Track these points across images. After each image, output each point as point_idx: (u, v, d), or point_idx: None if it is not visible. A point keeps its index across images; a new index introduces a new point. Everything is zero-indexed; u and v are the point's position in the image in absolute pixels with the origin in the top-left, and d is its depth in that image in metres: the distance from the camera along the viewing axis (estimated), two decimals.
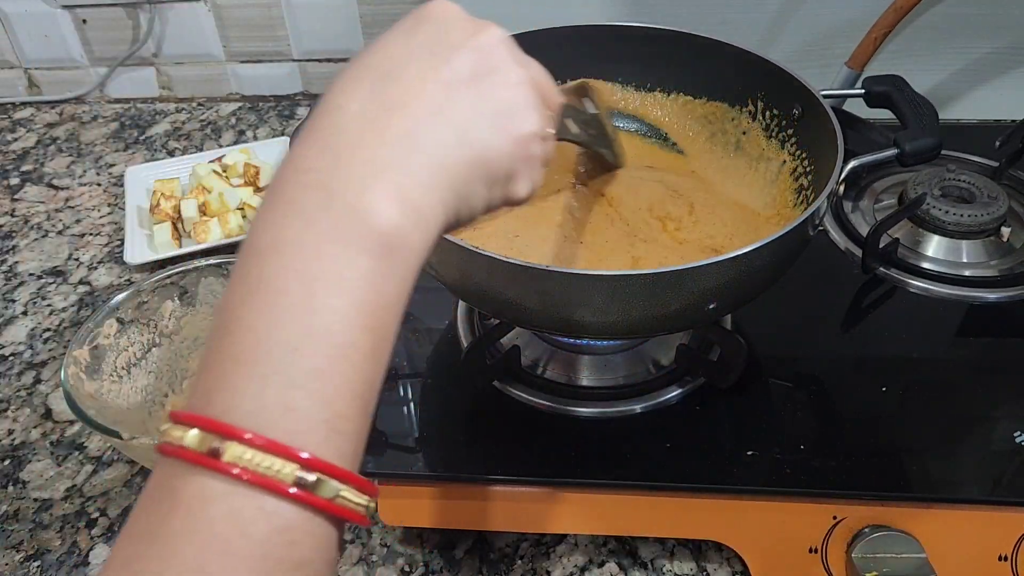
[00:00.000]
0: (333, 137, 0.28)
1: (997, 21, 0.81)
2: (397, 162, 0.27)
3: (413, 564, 0.53)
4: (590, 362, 0.57)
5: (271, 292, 0.25)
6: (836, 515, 0.49)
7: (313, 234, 0.26)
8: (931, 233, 0.66)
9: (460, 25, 0.31)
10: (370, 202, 0.27)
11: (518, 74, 0.31)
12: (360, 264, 0.26)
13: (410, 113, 0.28)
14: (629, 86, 0.66)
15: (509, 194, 0.32)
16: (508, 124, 0.31)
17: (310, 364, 0.25)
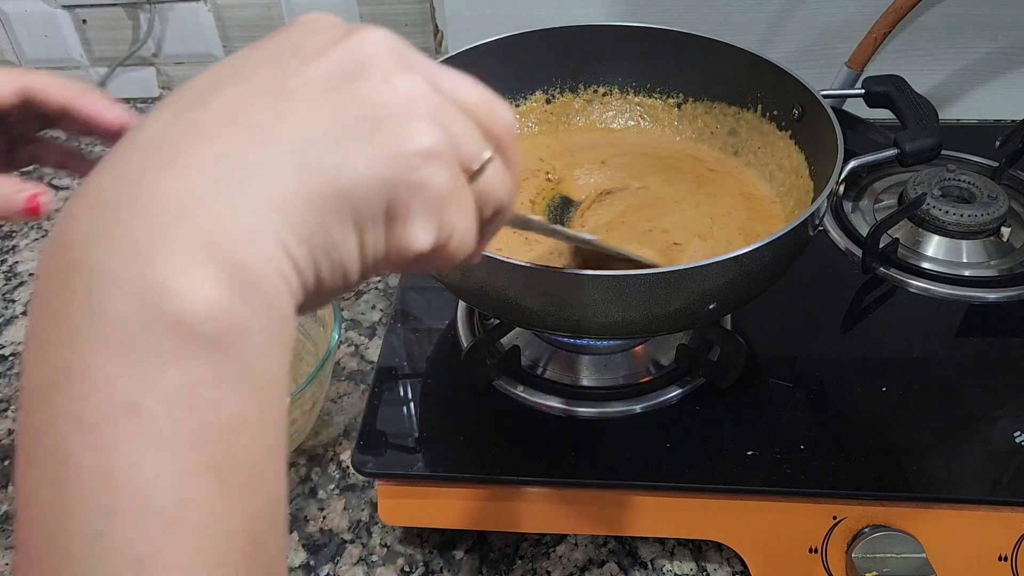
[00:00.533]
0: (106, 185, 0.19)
1: (997, 21, 0.81)
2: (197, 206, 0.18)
3: (413, 564, 0.53)
4: (590, 362, 0.57)
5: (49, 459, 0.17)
6: (836, 515, 0.49)
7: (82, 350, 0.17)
8: (931, 233, 0.66)
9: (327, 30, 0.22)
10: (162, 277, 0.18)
11: (404, 78, 0.22)
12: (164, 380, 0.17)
13: (225, 135, 0.19)
14: (628, 86, 0.66)
15: (400, 240, 0.22)
16: (380, 136, 0.21)
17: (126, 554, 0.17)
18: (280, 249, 0.19)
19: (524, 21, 0.62)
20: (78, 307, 0.18)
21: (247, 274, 0.19)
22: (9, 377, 0.68)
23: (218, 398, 0.18)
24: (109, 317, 0.17)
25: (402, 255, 0.23)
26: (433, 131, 0.22)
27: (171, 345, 0.17)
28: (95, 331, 0.17)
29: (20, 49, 1.02)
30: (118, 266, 0.18)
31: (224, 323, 0.18)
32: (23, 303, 0.75)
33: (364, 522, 0.56)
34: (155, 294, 0.17)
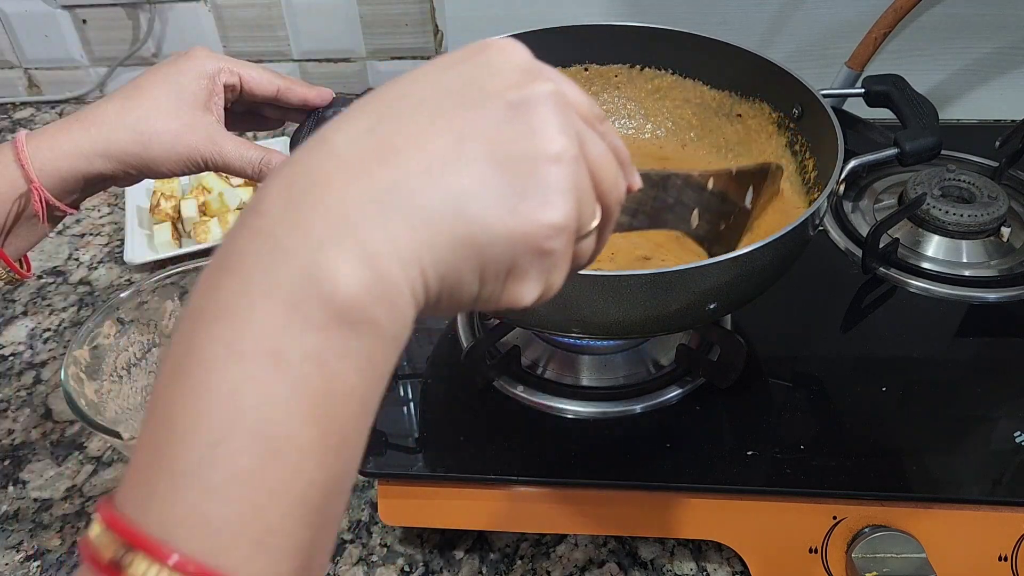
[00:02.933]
0: (302, 176, 0.23)
1: (997, 21, 0.81)
2: (370, 221, 0.22)
3: (413, 564, 0.53)
4: (590, 362, 0.57)
5: (196, 372, 0.21)
6: (836, 515, 0.49)
7: (251, 297, 0.21)
8: (931, 233, 0.66)
9: (509, 69, 0.25)
10: (328, 263, 0.21)
11: (560, 144, 0.24)
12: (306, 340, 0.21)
13: (403, 164, 0.23)
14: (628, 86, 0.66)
15: (509, 296, 0.25)
16: (523, 205, 0.23)
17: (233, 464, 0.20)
18: (419, 275, 0.23)
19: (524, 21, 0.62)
20: (257, 265, 0.21)
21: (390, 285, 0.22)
22: (9, 377, 0.68)
23: (341, 370, 0.21)
24: (279, 279, 0.21)
25: (510, 306, 0.26)
26: (570, 209, 0.24)
27: (319, 316, 0.21)
28: (265, 286, 0.21)
29: (20, 49, 1.02)
30: (297, 246, 0.21)
31: (363, 314, 0.22)
32: (23, 303, 0.75)
33: (364, 522, 0.56)
34: (319, 274, 0.21)
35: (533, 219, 0.24)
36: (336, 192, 0.22)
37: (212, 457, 0.20)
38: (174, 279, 0.62)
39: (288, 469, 0.21)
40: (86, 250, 0.81)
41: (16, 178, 0.45)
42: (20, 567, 0.54)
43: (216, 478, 0.20)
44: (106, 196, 0.88)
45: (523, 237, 0.24)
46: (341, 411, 0.22)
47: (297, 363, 0.21)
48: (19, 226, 0.46)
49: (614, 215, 0.28)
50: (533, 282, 0.25)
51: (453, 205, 0.23)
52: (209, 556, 0.20)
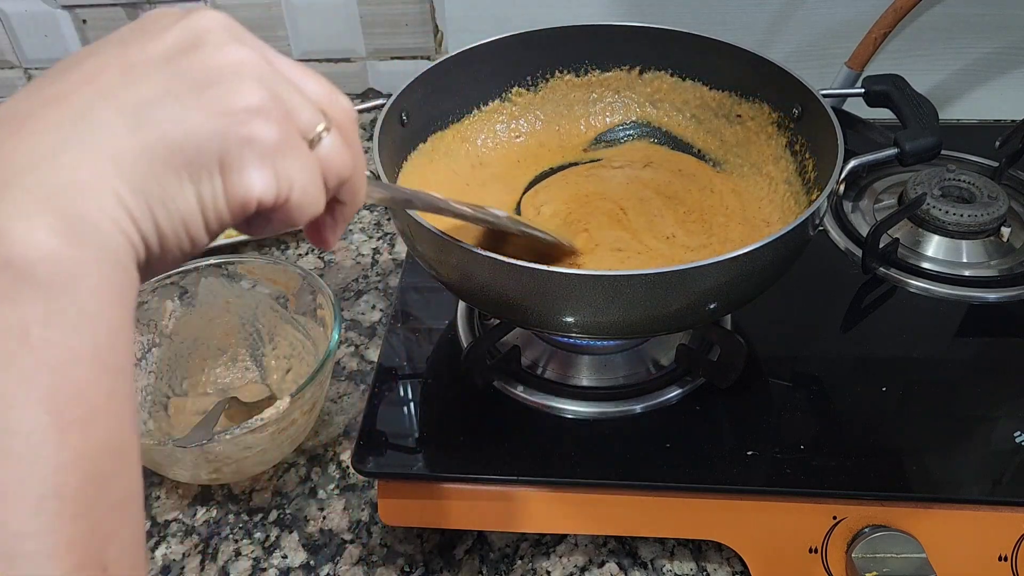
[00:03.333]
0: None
1: (997, 21, 0.81)
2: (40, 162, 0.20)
3: (413, 564, 0.53)
4: (590, 362, 0.57)
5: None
6: (836, 515, 0.49)
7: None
8: (931, 233, 0.66)
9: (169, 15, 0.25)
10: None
11: (236, 47, 0.24)
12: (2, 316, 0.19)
13: (68, 104, 0.21)
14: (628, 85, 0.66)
15: (234, 189, 0.24)
16: (207, 96, 0.23)
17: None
18: (115, 199, 0.21)
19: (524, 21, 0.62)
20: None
21: (82, 222, 0.20)
22: None
23: (49, 336, 0.19)
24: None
25: (242, 205, 0.24)
26: (260, 91, 0.24)
27: (4, 285, 0.19)
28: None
29: (20, 49, 1.02)
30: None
31: (56, 266, 0.19)
32: None
33: (364, 522, 0.56)
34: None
35: (223, 104, 0.23)
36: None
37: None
38: (174, 279, 0.62)
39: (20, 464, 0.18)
40: None
41: None
42: None
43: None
44: None
45: (218, 124, 0.23)
46: (70, 379, 0.19)
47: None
48: None
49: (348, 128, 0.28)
50: (254, 169, 0.24)
51: (132, 117, 0.22)
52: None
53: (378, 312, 0.71)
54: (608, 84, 0.66)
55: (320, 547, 0.54)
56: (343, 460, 0.59)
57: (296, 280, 0.61)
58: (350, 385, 0.65)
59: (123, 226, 0.21)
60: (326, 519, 0.56)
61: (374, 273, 0.76)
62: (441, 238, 0.43)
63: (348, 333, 0.69)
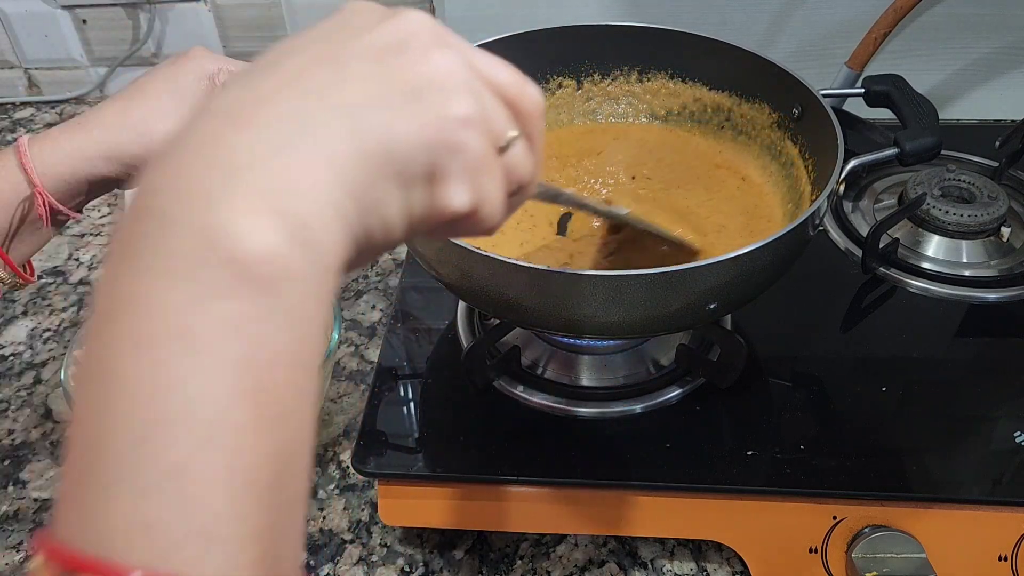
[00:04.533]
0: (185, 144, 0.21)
1: (997, 21, 0.81)
2: (261, 161, 0.20)
3: (413, 564, 0.53)
4: (590, 362, 0.57)
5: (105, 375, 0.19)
6: (836, 515, 0.49)
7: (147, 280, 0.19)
8: (931, 233, 0.66)
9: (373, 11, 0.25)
10: (224, 220, 0.19)
11: (442, 53, 0.24)
12: (215, 310, 0.19)
13: (283, 99, 0.22)
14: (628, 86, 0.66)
15: (437, 200, 0.24)
16: (423, 104, 0.23)
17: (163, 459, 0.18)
18: (332, 204, 0.21)
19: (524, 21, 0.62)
20: (147, 245, 0.20)
21: (301, 225, 0.20)
22: (9, 377, 0.68)
23: (262, 333, 0.20)
24: (173, 252, 0.19)
25: (441, 214, 0.25)
26: (470, 101, 0.24)
27: (225, 280, 0.19)
28: (159, 265, 0.19)
29: (20, 49, 1.02)
30: (185, 210, 0.20)
31: (275, 267, 0.20)
32: (23, 303, 0.75)
33: (364, 522, 0.56)
34: (215, 235, 0.19)
35: (435, 114, 0.23)
36: (217, 146, 0.21)
37: (138, 457, 0.18)
38: None
39: (225, 453, 0.19)
40: (86, 250, 0.81)
41: (19, 182, 0.45)
42: (20, 567, 0.54)
43: (146, 478, 0.18)
44: (106, 196, 0.88)
45: (431, 134, 0.23)
46: (273, 377, 0.20)
47: (210, 337, 0.19)
48: (23, 231, 0.46)
49: (535, 128, 0.28)
50: (458, 183, 0.25)
51: (349, 120, 0.22)
52: (158, 561, 0.18)
53: (378, 312, 0.71)
54: (608, 83, 0.66)
55: (320, 547, 0.54)
56: (343, 460, 0.59)
57: None
58: (350, 385, 0.65)
59: (337, 231, 0.22)
60: (326, 519, 0.56)
61: (374, 273, 0.76)
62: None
63: (348, 333, 0.69)
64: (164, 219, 0.20)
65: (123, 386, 0.19)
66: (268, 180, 0.20)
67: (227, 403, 0.19)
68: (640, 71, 0.65)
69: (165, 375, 0.19)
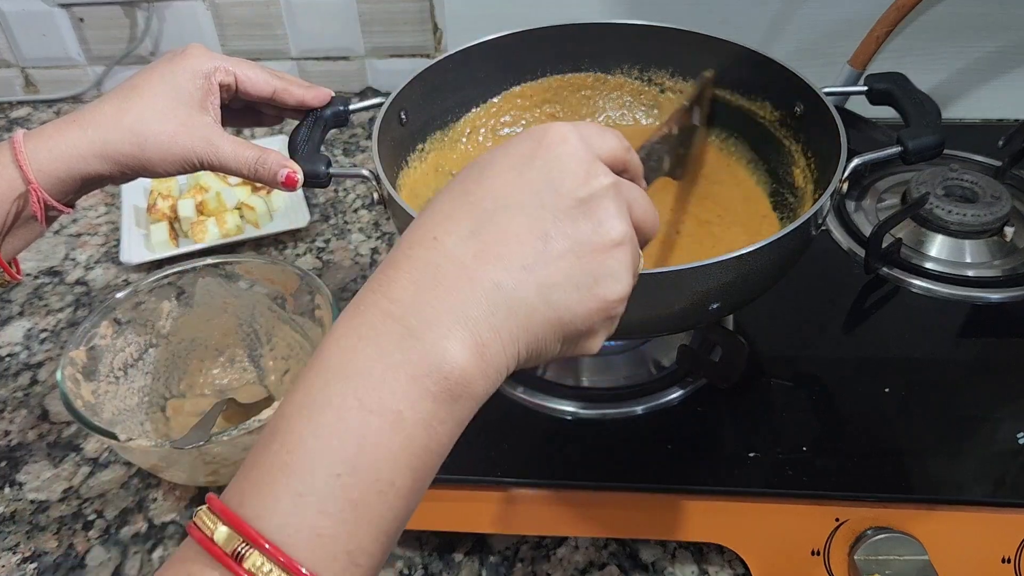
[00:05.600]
0: (424, 272, 0.28)
1: (1000, 20, 0.81)
2: (481, 314, 0.28)
3: (412, 567, 0.53)
4: (591, 363, 0.56)
5: (329, 413, 0.26)
6: (838, 517, 0.49)
7: (383, 367, 0.26)
8: (934, 233, 0.66)
9: (573, 168, 0.30)
10: (447, 348, 0.27)
11: (619, 231, 0.30)
12: (422, 406, 0.26)
13: (504, 266, 0.28)
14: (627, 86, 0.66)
15: (581, 350, 0.32)
16: (597, 290, 0.30)
17: (348, 495, 0.25)
18: (515, 352, 0.29)
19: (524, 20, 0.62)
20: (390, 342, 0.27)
21: (491, 364, 0.28)
22: (5, 378, 0.67)
23: (440, 432, 0.27)
24: (409, 358, 0.27)
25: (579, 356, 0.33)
26: (627, 284, 0.31)
27: (435, 390, 0.27)
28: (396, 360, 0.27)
29: (17, 47, 1.01)
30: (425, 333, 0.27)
31: (467, 388, 0.27)
32: (19, 304, 0.75)
33: None
34: (439, 356, 0.27)
35: (605, 298, 0.30)
36: (456, 289, 0.28)
37: (332, 486, 0.25)
38: (171, 279, 0.61)
39: (386, 506, 0.26)
40: (83, 250, 0.81)
41: (14, 179, 0.44)
42: (17, 569, 0.54)
43: (332, 502, 0.25)
44: (103, 196, 0.88)
45: (598, 312, 0.30)
46: (431, 463, 0.27)
47: (411, 424, 0.26)
48: (16, 226, 0.46)
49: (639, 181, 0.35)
50: (601, 336, 0.32)
51: (544, 296, 0.29)
52: (312, 564, 0.24)
53: None
54: (608, 82, 0.66)
55: None
56: None
57: (294, 280, 0.61)
58: None
59: (510, 367, 0.29)
60: None
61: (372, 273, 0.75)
62: None
63: None
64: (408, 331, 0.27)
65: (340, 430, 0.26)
66: (483, 329, 0.28)
67: (401, 473, 0.26)
68: (640, 69, 0.65)
69: (372, 438, 0.26)
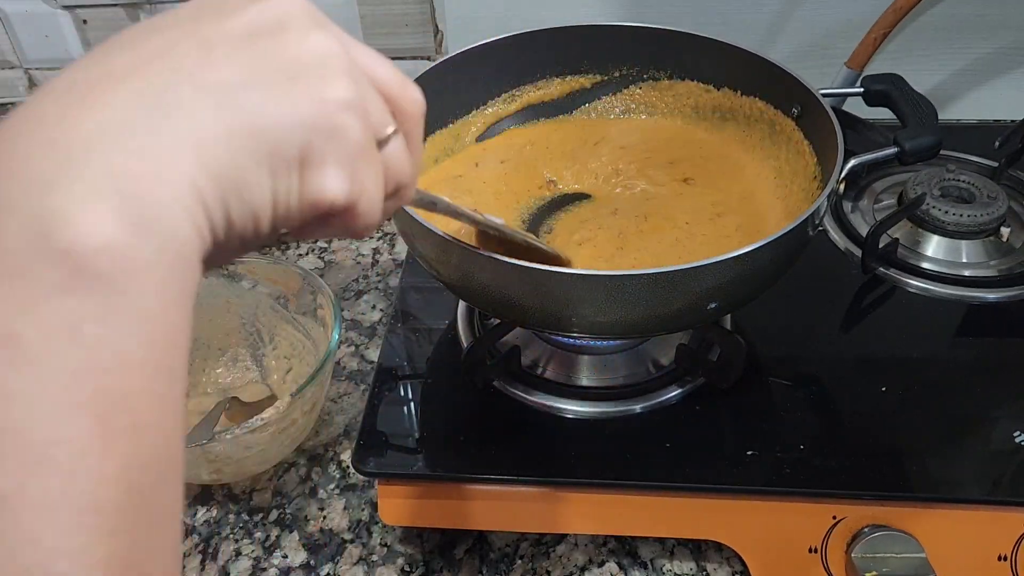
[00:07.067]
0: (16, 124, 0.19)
1: (997, 21, 0.81)
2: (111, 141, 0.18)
3: (413, 564, 0.53)
4: (590, 362, 0.57)
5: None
6: (836, 515, 0.49)
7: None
8: (931, 233, 0.66)
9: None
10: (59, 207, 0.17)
11: (321, 35, 0.23)
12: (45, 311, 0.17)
13: (141, 79, 0.19)
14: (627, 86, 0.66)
15: (311, 187, 0.22)
16: (299, 85, 0.22)
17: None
18: (191, 187, 0.19)
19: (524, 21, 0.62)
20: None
21: (151, 210, 0.18)
22: None
23: (104, 335, 0.18)
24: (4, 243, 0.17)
25: (314, 204, 0.23)
26: (350, 86, 0.23)
27: (58, 276, 0.17)
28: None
29: (21, 49, 1.02)
30: (15, 195, 0.17)
31: (118, 259, 0.18)
32: None
33: (364, 522, 0.56)
34: (48, 223, 0.17)
35: (312, 95, 0.22)
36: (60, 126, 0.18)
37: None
38: None
39: (63, 476, 0.17)
40: None
41: None
42: None
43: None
44: None
45: (307, 115, 0.22)
46: (118, 387, 0.18)
47: (41, 345, 0.17)
48: None
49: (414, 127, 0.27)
50: (333, 169, 0.23)
51: (215, 98, 0.20)
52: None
53: (378, 312, 0.71)
54: (608, 84, 0.66)
55: (320, 547, 0.54)
56: (343, 460, 0.59)
57: (296, 280, 0.61)
58: (350, 385, 0.65)
59: (195, 216, 0.19)
60: (326, 519, 0.56)
61: (374, 273, 0.76)
62: (442, 238, 0.43)
63: (348, 333, 0.69)
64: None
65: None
66: (117, 163, 0.18)
67: (63, 419, 0.17)
68: (639, 71, 0.65)
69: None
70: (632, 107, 0.67)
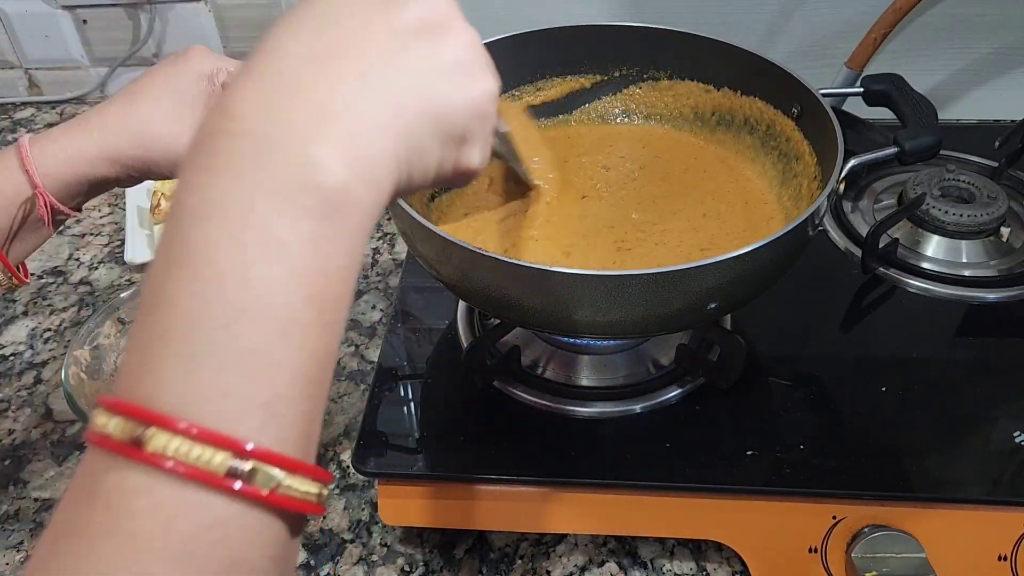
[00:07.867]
0: (272, 80, 0.25)
1: (997, 21, 0.81)
2: (349, 108, 0.24)
3: (413, 564, 0.53)
4: (590, 362, 0.57)
5: (198, 263, 0.22)
6: (836, 515, 0.49)
7: (244, 192, 0.23)
8: (931, 233, 0.66)
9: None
10: (316, 154, 0.23)
11: (471, 34, 0.29)
12: (302, 227, 0.23)
13: (362, 56, 0.25)
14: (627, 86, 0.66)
15: (462, 159, 0.30)
16: (466, 80, 0.28)
17: (244, 343, 0.22)
18: (393, 152, 0.26)
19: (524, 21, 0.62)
20: (247, 162, 0.23)
21: (370, 164, 0.25)
22: (9, 377, 0.68)
23: (331, 251, 0.24)
24: (273, 174, 0.23)
25: (463, 171, 0.31)
26: (493, 80, 0.30)
27: (313, 204, 0.23)
28: (259, 180, 0.23)
29: (21, 49, 1.02)
30: (286, 139, 0.23)
31: (348, 197, 0.24)
32: (23, 303, 0.75)
33: (364, 522, 0.56)
34: (311, 165, 0.23)
35: (477, 87, 0.29)
36: (315, 87, 0.24)
37: (225, 337, 0.22)
38: None
39: (293, 345, 0.23)
40: (86, 250, 0.81)
41: (21, 183, 0.45)
42: (21, 567, 0.54)
43: (230, 355, 0.22)
44: (106, 196, 0.88)
45: (472, 103, 0.29)
46: (334, 290, 0.24)
47: (297, 249, 0.23)
48: (24, 230, 0.47)
49: None
50: (480, 145, 0.30)
51: (415, 84, 0.26)
52: (226, 425, 0.21)
53: (378, 312, 0.71)
54: (608, 84, 0.66)
55: (320, 547, 0.54)
56: (343, 460, 0.59)
57: None
58: (350, 385, 0.65)
59: (393, 176, 0.26)
60: (326, 519, 0.56)
61: (374, 273, 0.76)
62: (441, 238, 0.43)
63: (348, 333, 0.69)
64: (265, 143, 0.23)
65: (217, 275, 0.22)
66: (351, 125, 0.24)
67: (300, 305, 0.23)
68: (639, 71, 0.65)
69: (256, 275, 0.22)
70: (632, 107, 0.67)
